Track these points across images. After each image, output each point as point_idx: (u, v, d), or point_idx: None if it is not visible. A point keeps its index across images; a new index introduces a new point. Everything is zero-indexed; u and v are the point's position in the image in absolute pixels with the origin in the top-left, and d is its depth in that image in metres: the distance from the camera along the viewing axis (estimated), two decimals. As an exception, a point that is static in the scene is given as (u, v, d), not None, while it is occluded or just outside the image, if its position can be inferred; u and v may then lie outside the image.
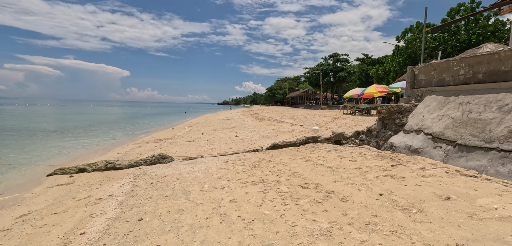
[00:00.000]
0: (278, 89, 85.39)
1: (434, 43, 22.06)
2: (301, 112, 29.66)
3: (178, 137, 13.22)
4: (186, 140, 11.93)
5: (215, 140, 11.37)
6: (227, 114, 39.52)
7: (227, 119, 25.36)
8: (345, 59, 45.79)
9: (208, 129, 16.24)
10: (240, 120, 22.57)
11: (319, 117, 19.27)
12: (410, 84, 7.08)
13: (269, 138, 10.72)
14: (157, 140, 12.80)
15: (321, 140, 7.62)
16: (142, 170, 6.52)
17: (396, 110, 6.43)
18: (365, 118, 15.51)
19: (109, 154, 9.79)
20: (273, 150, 7.43)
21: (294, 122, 16.97)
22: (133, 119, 32.91)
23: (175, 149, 9.57)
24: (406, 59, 23.37)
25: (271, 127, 14.50)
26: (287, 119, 19.72)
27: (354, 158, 5.75)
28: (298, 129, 12.84)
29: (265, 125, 15.98)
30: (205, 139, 11.74)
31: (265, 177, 5.05)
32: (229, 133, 13.40)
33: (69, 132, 16.93)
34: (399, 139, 6.02)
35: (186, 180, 5.32)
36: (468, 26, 21.06)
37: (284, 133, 11.62)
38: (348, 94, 20.89)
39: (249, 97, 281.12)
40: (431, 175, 4.22)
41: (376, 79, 29.76)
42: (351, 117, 17.38)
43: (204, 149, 9.34)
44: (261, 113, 31.34)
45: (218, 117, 32.04)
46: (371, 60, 37.94)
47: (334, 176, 4.71)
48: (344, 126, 11.79)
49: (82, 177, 6.38)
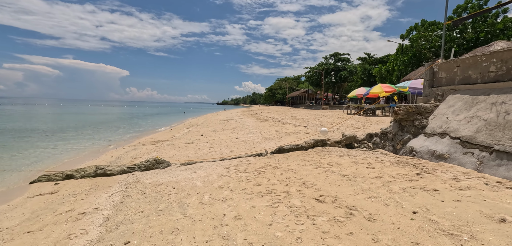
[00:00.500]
0: (278, 89, 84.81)
1: (440, 42, 21.42)
2: (303, 112, 29.06)
3: (176, 139, 12.61)
4: (184, 142, 11.32)
5: (215, 142, 10.76)
6: (227, 114, 38.90)
7: (227, 119, 24.75)
8: (346, 59, 45.18)
9: (208, 130, 15.63)
10: (241, 120, 21.97)
11: (322, 117, 18.68)
12: (428, 82, 6.49)
13: (272, 140, 10.12)
14: (154, 142, 12.19)
15: (331, 143, 7.02)
16: (135, 176, 5.91)
17: (415, 111, 5.83)
18: (372, 119, 14.92)
19: (102, 158, 9.18)
20: (279, 154, 6.82)
21: (297, 122, 16.37)
22: (131, 120, 32.28)
23: (172, 152, 8.96)
24: (411, 58, 22.77)
25: (274, 128, 13.89)
26: (289, 119, 19.12)
27: (371, 165, 5.15)
28: (302, 130, 12.24)
29: (267, 126, 15.38)
30: (204, 141, 11.13)
31: (273, 187, 4.44)
32: (229, 135, 12.79)
33: (63, 133, 16.31)
34: (419, 143, 5.42)
35: (183, 190, 4.71)
36: (475, 23, 20.49)
37: (288, 135, 11.02)
38: (352, 94, 20.33)
39: (248, 97, 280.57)
40: (469, 187, 3.62)
41: (379, 78, 29.16)
42: (356, 117, 16.78)
43: (203, 152, 8.73)
44: (261, 113, 30.73)
45: (217, 117, 31.43)
46: (373, 60, 37.32)
47: (352, 186, 4.11)
48: (351, 128, 11.19)
49: (68, 184, 5.77)
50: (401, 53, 24.32)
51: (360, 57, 38.34)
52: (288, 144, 7.23)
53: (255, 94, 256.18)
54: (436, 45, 21.71)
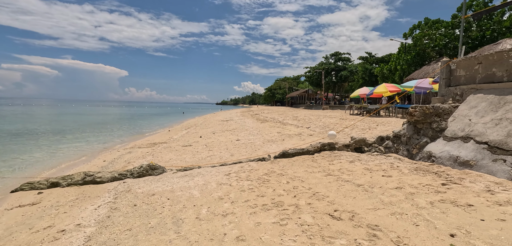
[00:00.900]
0: (277, 89, 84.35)
1: (444, 40, 21.01)
2: (304, 112, 28.58)
3: (174, 141, 12.09)
4: (182, 144, 10.81)
5: (214, 144, 10.25)
6: (226, 114, 38.39)
7: (226, 120, 24.24)
8: (347, 58, 44.73)
9: (207, 132, 15.12)
10: (241, 121, 21.46)
11: (324, 118, 18.19)
12: (445, 81, 6.00)
13: (274, 142, 9.62)
14: (150, 145, 11.67)
15: (339, 147, 6.52)
16: (126, 185, 5.40)
17: (433, 112, 5.34)
18: (376, 120, 14.43)
19: (94, 162, 8.66)
20: (283, 159, 6.32)
21: (299, 123, 15.87)
22: (128, 120, 31.73)
23: (168, 156, 8.45)
24: (414, 57, 22.29)
25: (275, 130, 13.39)
26: (290, 120, 18.62)
27: (387, 172, 4.65)
28: (305, 132, 11.75)
29: (268, 127, 14.87)
30: (203, 144, 10.62)
31: (279, 199, 3.95)
32: (229, 136, 12.28)
33: (57, 136, 15.77)
34: (439, 147, 4.93)
35: (179, 201, 4.21)
36: (481, 21, 20.04)
37: (291, 137, 10.52)
38: (355, 94, 19.85)
39: (247, 97, 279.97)
40: (509, 201, 3.12)
41: (381, 78, 28.69)
42: (360, 118, 16.30)
43: (202, 156, 8.22)
44: (261, 114, 30.24)
45: (217, 118, 30.92)
46: (374, 59, 36.87)
47: (370, 199, 3.61)
48: (356, 129, 10.70)
49: (53, 194, 5.25)
50: (404, 52, 23.84)
51: (361, 57, 37.96)
52: (293, 148, 6.72)
53: (254, 94, 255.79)
54: (440, 44, 21.24)
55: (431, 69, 19.29)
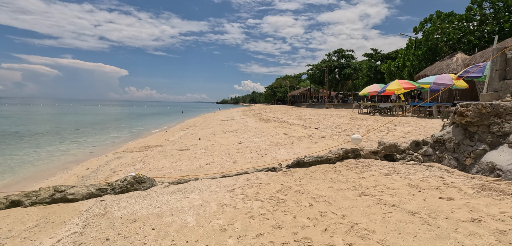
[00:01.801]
0: (278, 87, 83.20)
1: (458, 34, 19.83)
2: (308, 111, 27.47)
3: (170, 144, 10.97)
4: (178, 148, 9.69)
5: (214, 148, 9.13)
6: (227, 114, 37.26)
7: (227, 120, 23.12)
8: (350, 55, 43.59)
9: (207, 133, 14.00)
10: (242, 121, 20.33)
11: (332, 117, 17.07)
12: (499, 73, 4.87)
13: (282, 146, 8.50)
14: (143, 148, 10.55)
15: (365, 154, 5.40)
16: (104, 204, 4.28)
17: (491, 111, 4.21)
18: (391, 119, 13.31)
19: (75, 170, 7.54)
20: (298, 169, 5.20)
21: (306, 123, 14.75)
22: (125, 120, 30.63)
23: (162, 163, 7.32)
24: (425, 53, 21.11)
25: (281, 131, 12.26)
26: (296, 120, 17.50)
27: (443, 191, 3.53)
28: (315, 133, 10.62)
29: (273, 128, 13.75)
30: (202, 147, 9.50)
31: (304, 234, 2.83)
32: (231, 138, 11.16)
33: (45, 137, 14.66)
34: (505, 158, 3.81)
35: (167, 233, 3.10)
36: (498, 14, 18.86)
37: (300, 139, 9.40)
38: (364, 92, 18.71)
39: (248, 96, 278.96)
40: None
41: (388, 75, 27.54)
42: (372, 117, 15.18)
43: (200, 163, 7.09)
44: (263, 113, 29.11)
45: (217, 117, 29.80)
46: (380, 56, 35.68)
47: (441, 241, 2.48)
48: (370, 130, 9.57)
49: (9, 217, 4.13)
50: (414, 47, 22.66)
51: (367, 53, 36.77)
52: (309, 155, 5.60)
53: (254, 93, 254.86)
54: (454, 38, 20.06)
55: (445, 65, 18.14)
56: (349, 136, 9.12)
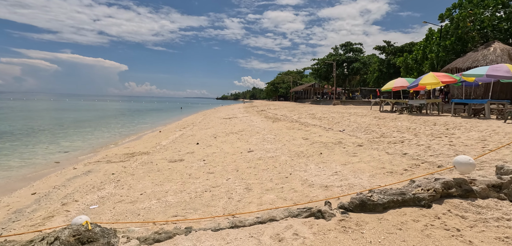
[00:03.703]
0: (281, 83, 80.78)
1: (494, 20, 17.47)
2: (316, 108, 25.17)
3: (160, 150, 8.70)
4: (169, 157, 7.42)
5: (217, 159, 6.87)
6: (228, 110, 34.95)
7: (229, 117, 20.82)
8: (359, 49, 41.12)
9: (206, 134, 11.73)
10: (246, 119, 18.04)
11: (351, 116, 14.79)
12: None
13: (309, 158, 6.24)
14: (126, 156, 8.29)
15: (481, 189, 3.12)
16: None
17: None
18: (429, 119, 11.05)
19: (15, 196, 5.26)
20: (365, 216, 2.97)
21: (323, 123, 12.47)
22: (118, 117, 28.35)
23: (141, 186, 5.06)
24: (454, 43, 18.73)
25: (298, 134, 9.99)
26: (308, 118, 15.22)
27: None
28: (345, 138, 8.36)
29: (286, 130, 11.47)
30: (200, 157, 7.24)
31: None
32: (237, 144, 8.91)
33: (13, 137, 12.40)
34: None
35: None
36: None
37: (329, 148, 7.14)
38: (388, 86, 16.41)
39: (248, 92, 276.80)
40: None
41: (404, 69, 25.22)
42: (404, 117, 12.89)
43: (196, 187, 4.83)
44: (268, 110, 26.80)
45: (218, 114, 27.52)
46: (393, 49, 33.21)
47: None
48: (411, 135, 7.28)
49: None
50: (440, 37, 20.27)
51: (378, 46, 34.28)
52: (377, 189, 3.33)
53: (255, 88, 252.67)
54: (490, 25, 17.70)
55: (480, 56, 15.80)
56: (393, 143, 6.86)
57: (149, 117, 30.70)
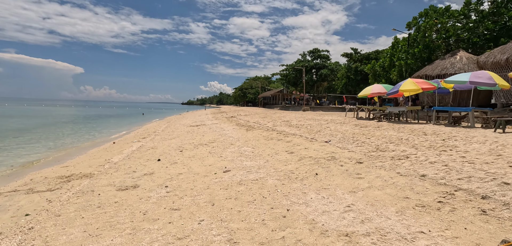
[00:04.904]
0: (249, 88, 79.84)
1: (458, 30, 18.16)
2: (290, 115, 24.36)
3: (108, 171, 6.76)
4: (119, 183, 5.60)
5: (183, 186, 5.27)
6: (195, 116, 32.75)
7: (197, 125, 18.95)
8: (326, 56, 41.72)
9: (170, 147, 9.92)
10: (216, 127, 16.39)
11: (329, 123, 13.98)
12: None
13: (303, 182, 4.97)
14: (60, 180, 6.23)
15: None
16: None
17: None
18: (414, 128, 10.52)
19: None
20: None
21: (302, 132, 11.38)
22: (65, 125, 24.69)
23: (65, 237, 3.29)
24: (422, 50, 19.16)
25: (279, 146, 8.71)
26: (284, 126, 14.08)
27: None
28: (337, 152, 7.27)
29: (264, 140, 10.14)
30: (161, 182, 5.56)
31: None
32: (208, 160, 7.33)
33: None
34: None
35: None
36: (500, 9, 17.48)
37: (323, 166, 5.96)
38: (365, 93, 16.00)
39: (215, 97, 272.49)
40: None
41: (372, 76, 25.64)
42: (387, 125, 12.32)
43: (153, 237, 3.23)
44: (239, 117, 25.35)
45: (184, 121, 25.35)
46: (360, 56, 34.00)
47: None
48: (405, 148, 6.45)
49: None
50: (408, 45, 20.72)
51: (346, 53, 34.89)
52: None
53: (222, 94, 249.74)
54: (454, 35, 18.40)
55: (448, 63, 16.18)
56: (397, 159, 5.87)
57: (104, 124, 27.34)
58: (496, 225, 2.88)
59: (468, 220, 3.02)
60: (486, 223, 2.91)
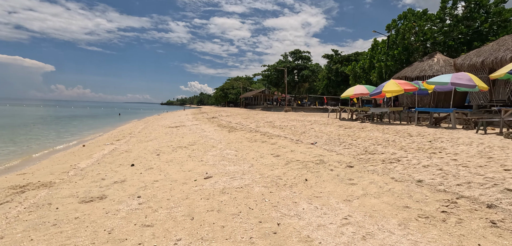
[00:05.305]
0: (230, 88, 79.00)
1: (435, 33, 18.73)
2: (273, 116, 24.05)
3: (73, 179, 5.98)
4: (83, 194, 4.90)
5: (159, 195, 4.69)
6: (175, 117, 31.62)
7: (176, 126, 18.10)
8: (307, 57, 41.99)
9: (146, 150, 9.19)
10: (197, 128, 15.69)
11: (313, 124, 13.77)
12: None
13: (293, 190, 4.58)
14: (12, 191, 5.37)
15: None
16: None
17: None
18: (398, 129, 10.49)
19: None
20: None
21: (286, 133, 11.04)
22: (32, 126, 22.77)
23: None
24: (401, 52, 19.60)
25: (264, 149, 8.29)
26: (268, 127, 13.69)
27: None
28: (326, 155, 6.96)
29: (247, 142, 9.67)
30: (134, 191, 4.94)
31: None
32: (187, 164, 6.75)
33: None
34: None
35: None
36: (473, 13, 18.23)
37: (311, 170, 5.60)
38: (347, 94, 16.00)
39: (196, 97, 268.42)
40: None
41: (352, 77, 26.01)
42: (372, 126, 12.27)
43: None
44: (220, 117, 24.68)
45: (163, 122, 24.28)
46: (340, 57, 34.46)
47: None
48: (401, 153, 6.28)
49: None
50: (387, 46, 21.12)
51: (327, 54, 35.28)
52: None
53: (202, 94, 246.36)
54: (431, 38, 18.98)
55: (426, 66, 16.60)
56: (388, 162, 5.63)
57: (75, 125, 25.59)
58: (511, 239, 2.61)
59: (479, 234, 2.72)
60: (499, 238, 2.63)
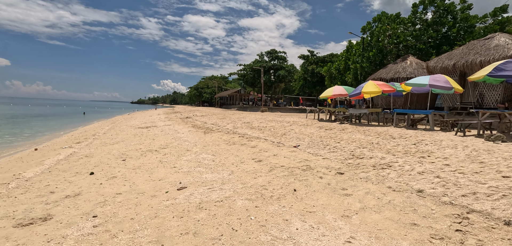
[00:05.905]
0: (205, 87, 77.19)
1: (408, 36, 19.32)
2: (250, 116, 23.45)
3: (14, 192, 4.90)
4: (22, 214, 3.94)
5: (121, 214, 3.89)
6: (146, 117, 29.84)
7: (147, 126, 16.83)
8: (283, 57, 42.00)
9: (111, 155, 8.13)
10: (169, 129, 14.63)
11: (292, 126, 13.39)
12: None
13: (280, 203, 4.03)
14: None
15: None
16: None
17: None
18: (379, 130, 10.38)
19: None
20: None
21: (266, 135, 10.51)
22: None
23: None
24: (376, 54, 20.02)
25: (245, 153, 7.66)
26: (246, 128, 13.07)
27: None
28: (311, 160, 6.51)
29: (224, 145, 8.98)
30: (89, 209, 4.08)
31: None
32: (158, 172, 5.93)
33: None
34: None
35: None
36: (442, 18, 19.06)
37: (300, 179, 5.09)
38: (325, 95, 15.88)
39: (169, 96, 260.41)
40: None
41: (328, 78, 26.26)
42: (352, 128, 12.09)
43: None
44: (195, 117, 23.60)
45: (132, 122, 22.67)
46: (316, 58, 34.78)
47: None
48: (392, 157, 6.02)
49: None
50: (362, 48, 21.49)
51: (303, 55, 35.41)
52: None
53: (176, 93, 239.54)
54: (405, 40, 19.56)
55: (400, 68, 17.02)
56: (380, 168, 5.29)
57: (31, 125, 23.03)
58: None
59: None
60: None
